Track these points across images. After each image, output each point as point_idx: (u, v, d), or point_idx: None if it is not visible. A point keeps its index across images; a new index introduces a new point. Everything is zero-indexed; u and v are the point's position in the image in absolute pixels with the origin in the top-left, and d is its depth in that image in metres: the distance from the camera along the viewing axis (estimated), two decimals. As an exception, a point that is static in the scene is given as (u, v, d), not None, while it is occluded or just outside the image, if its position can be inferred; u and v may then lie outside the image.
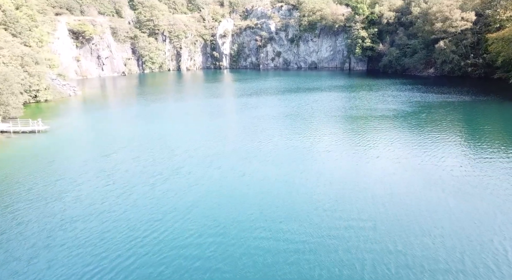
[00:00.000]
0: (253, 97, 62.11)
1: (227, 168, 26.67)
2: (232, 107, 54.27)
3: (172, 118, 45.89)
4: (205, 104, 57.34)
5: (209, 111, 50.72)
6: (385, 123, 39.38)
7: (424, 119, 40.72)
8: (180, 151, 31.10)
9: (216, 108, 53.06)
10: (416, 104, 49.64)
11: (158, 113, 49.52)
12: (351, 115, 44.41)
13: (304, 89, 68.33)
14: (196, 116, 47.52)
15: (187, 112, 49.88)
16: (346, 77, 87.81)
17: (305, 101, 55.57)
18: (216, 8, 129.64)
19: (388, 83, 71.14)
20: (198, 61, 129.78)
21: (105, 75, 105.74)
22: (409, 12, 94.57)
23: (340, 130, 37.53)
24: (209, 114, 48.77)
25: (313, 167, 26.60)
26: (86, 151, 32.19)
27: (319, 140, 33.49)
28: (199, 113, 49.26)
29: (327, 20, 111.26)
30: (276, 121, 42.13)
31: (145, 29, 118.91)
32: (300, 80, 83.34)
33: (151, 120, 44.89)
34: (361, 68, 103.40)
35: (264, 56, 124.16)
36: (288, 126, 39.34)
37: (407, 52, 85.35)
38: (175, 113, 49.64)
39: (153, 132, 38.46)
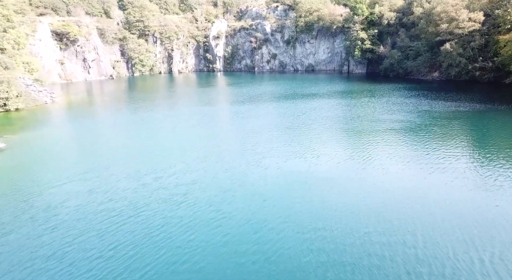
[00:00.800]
0: (245, 104, 56.68)
1: (201, 206, 21.17)
2: (223, 118, 48.81)
3: (154, 133, 40.35)
4: (195, 113, 51.91)
5: (197, 122, 45.26)
6: (394, 139, 34.03)
7: (437, 133, 35.40)
8: (151, 179, 25.57)
9: (206, 118, 47.55)
10: (425, 114, 44.33)
11: (140, 125, 43.96)
12: (354, 128, 39.04)
13: (300, 95, 62.97)
14: (182, 129, 42.01)
15: (173, 125, 44.31)
16: (345, 81, 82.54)
17: (301, 110, 50.18)
18: (209, 9, 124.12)
19: (391, 89, 65.89)
20: (191, 64, 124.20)
21: (91, 79, 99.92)
22: (411, 13, 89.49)
23: (342, 147, 32.13)
24: (197, 126, 43.30)
25: (312, 198, 21.23)
26: (41, 179, 26.60)
27: (317, 163, 28.09)
28: (186, 126, 43.74)
29: (324, 21, 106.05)
30: (269, 135, 36.70)
31: (135, 30, 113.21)
32: (296, 85, 77.97)
33: (130, 134, 39.35)
34: (361, 71, 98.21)
35: (259, 58, 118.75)
36: (283, 143, 33.91)
37: (410, 54, 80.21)
38: (159, 125, 44.10)
39: (127, 150, 32.92)
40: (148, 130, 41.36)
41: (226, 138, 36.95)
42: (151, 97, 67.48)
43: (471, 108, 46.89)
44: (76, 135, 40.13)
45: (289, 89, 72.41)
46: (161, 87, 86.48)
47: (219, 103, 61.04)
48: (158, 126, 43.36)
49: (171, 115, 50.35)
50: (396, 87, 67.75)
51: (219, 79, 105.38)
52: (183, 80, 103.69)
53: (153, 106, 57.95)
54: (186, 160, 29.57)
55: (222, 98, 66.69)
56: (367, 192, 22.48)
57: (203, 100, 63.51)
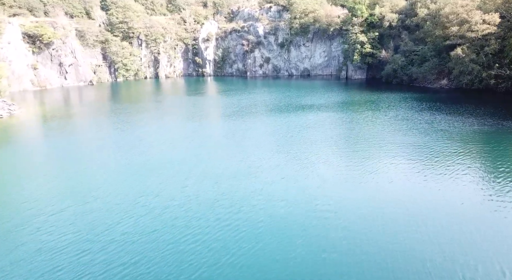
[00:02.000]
0: (235, 118, 48.76)
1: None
2: (211, 136, 40.73)
3: (133, 155, 32.37)
4: (181, 129, 43.92)
5: (184, 141, 37.36)
6: (414, 173, 26.28)
7: (463, 164, 27.74)
8: (133, 217, 17.56)
9: (188, 138, 39.48)
10: (444, 135, 36.62)
11: (116, 147, 35.80)
12: (360, 156, 31.18)
13: (295, 107, 55.13)
14: (166, 150, 34.07)
15: (155, 145, 36.19)
16: (344, 89, 74.82)
17: (296, 127, 42.37)
18: (198, 9, 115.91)
19: (397, 99, 58.26)
20: (179, 68, 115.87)
21: (68, 85, 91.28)
22: (414, 14, 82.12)
23: (347, 189, 24.28)
24: (183, 146, 35.41)
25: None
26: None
27: (316, 207, 20.26)
28: (171, 146, 35.77)
29: (321, 23, 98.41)
30: (257, 166, 28.76)
31: (118, 32, 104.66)
32: (291, 94, 70.09)
33: (91, 164, 31.16)
34: (360, 76, 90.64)
35: (251, 62, 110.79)
36: (273, 179, 26.02)
37: (415, 60, 72.70)
38: (139, 145, 36.02)
39: (81, 188, 24.85)
40: (126, 152, 33.40)
41: (214, 161, 29.00)
42: (132, 109, 59.17)
43: (497, 126, 39.30)
44: (29, 162, 31.87)
45: (283, 98, 64.55)
46: (145, 95, 78.16)
47: (208, 117, 52.91)
48: (138, 146, 35.35)
49: (154, 132, 42.16)
50: (402, 97, 60.13)
51: (209, 85, 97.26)
52: (170, 87, 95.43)
53: (133, 120, 49.67)
54: (171, 186, 21.73)
55: (211, 110, 58.66)
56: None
57: (191, 112, 55.59)
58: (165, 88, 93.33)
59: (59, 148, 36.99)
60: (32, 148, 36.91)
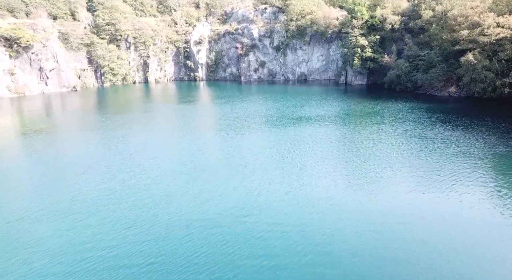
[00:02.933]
0: (228, 132, 43.15)
1: None
2: (202, 152, 34.94)
3: (115, 176, 26.55)
4: (171, 145, 38.14)
5: (174, 159, 31.58)
6: (435, 210, 20.64)
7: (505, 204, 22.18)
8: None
9: (169, 160, 33.68)
10: (467, 160, 30.90)
11: (83, 175, 29.89)
12: (367, 184, 25.56)
13: (291, 120, 49.42)
14: (154, 171, 28.28)
15: (142, 166, 30.39)
16: (344, 97, 69.17)
17: (292, 144, 36.72)
18: (190, 11, 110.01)
19: (403, 110, 52.68)
20: (170, 72, 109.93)
21: (50, 91, 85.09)
22: (418, 16, 76.74)
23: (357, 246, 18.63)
24: (173, 165, 29.65)
25: None
26: None
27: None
28: (158, 165, 29.98)
29: (318, 25, 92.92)
30: (242, 208, 23.04)
31: (104, 34, 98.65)
32: (287, 102, 64.33)
33: (65, 193, 25.33)
34: (360, 82, 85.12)
35: (246, 66, 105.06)
36: (266, 228, 20.35)
37: (420, 65, 67.26)
38: (121, 165, 30.18)
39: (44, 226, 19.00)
40: (105, 178, 27.56)
41: (206, 183, 23.23)
42: (115, 121, 53.19)
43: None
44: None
45: (278, 108, 58.85)
46: (131, 104, 72.10)
47: (199, 129, 47.00)
48: (120, 169, 29.54)
49: (138, 151, 36.25)
50: (408, 107, 54.56)
51: (201, 91, 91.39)
52: (159, 93, 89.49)
53: (115, 136, 43.71)
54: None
55: (201, 122, 52.76)
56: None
57: (179, 126, 49.83)
58: (154, 94, 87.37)
59: (28, 171, 31.11)
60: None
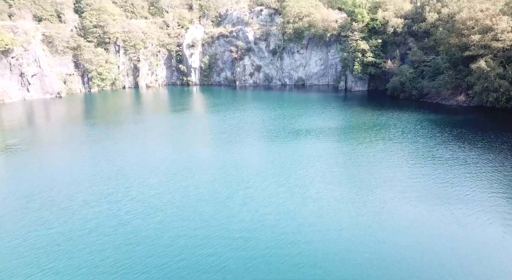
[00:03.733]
0: (216, 150, 38.25)
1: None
2: (194, 174, 30.07)
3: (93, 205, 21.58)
4: (147, 167, 33.17)
5: (164, 183, 26.66)
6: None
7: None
8: None
9: (158, 182, 28.81)
10: (498, 191, 26.30)
11: (57, 204, 24.93)
12: (378, 218, 20.77)
13: (288, 133, 44.58)
14: (142, 194, 23.28)
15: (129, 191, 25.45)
16: (344, 105, 64.33)
17: (290, 167, 31.94)
18: (183, 12, 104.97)
19: (411, 122, 47.96)
20: (161, 76, 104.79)
21: (32, 98, 79.73)
22: (422, 19, 72.24)
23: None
24: (142, 199, 24.75)
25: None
26: None
27: None
28: (146, 188, 25.07)
29: (316, 28, 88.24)
30: (239, 234, 18.25)
31: (92, 37, 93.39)
32: (284, 111, 59.44)
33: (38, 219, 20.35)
34: (361, 88, 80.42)
35: (241, 70, 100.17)
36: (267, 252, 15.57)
37: (425, 72, 62.68)
38: (87, 203, 25.24)
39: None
40: (86, 199, 22.59)
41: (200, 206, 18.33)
42: (100, 132, 48.21)
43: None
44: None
45: (275, 119, 54.03)
46: (120, 111, 67.01)
47: (190, 145, 42.10)
48: (105, 189, 24.58)
49: (127, 168, 31.31)
50: (416, 118, 49.83)
51: (194, 97, 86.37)
52: (150, 99, 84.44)
53: (99, 151, 38.82)
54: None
55: (194, 134, 47.99)
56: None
57: (172, 139, 45.30)
58: (143, 101, 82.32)
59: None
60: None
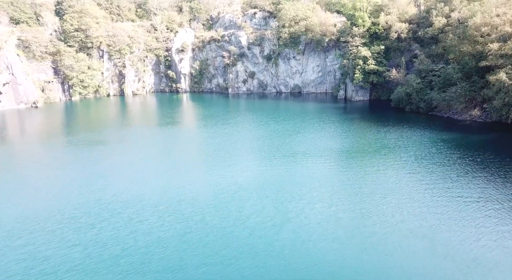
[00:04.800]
0: (204, 173, 31.74)
1: None
2: (169, 211, 23.66)
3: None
4: (126, 196, 26.63)
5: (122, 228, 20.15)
6: None
7: None
8: None
9: (140, 218, 22.36)
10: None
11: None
12: None
13: (283, 157, 38.14)
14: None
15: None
16: (345, 120, 57.76)
17: (284, 201, 25.53)
18: (172, 15, 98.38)
19: (425, 143, 41.74)
20: (149, 83, 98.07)
21: (3, 109, 72.74)
22: (429, 24, 66.22)
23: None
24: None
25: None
26: None
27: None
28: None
29: (314, 33, 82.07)
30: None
31: (73, 42, 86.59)
32: (278, 127, 53.00)
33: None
34: (362, 98, 74.20)
35: (233, 77, 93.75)
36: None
37: (435, 82, 56.62)
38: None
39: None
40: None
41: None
42: (68, 155, 41.64)
43: None
44: None
45: (269, 137, 47.59)
46: (100, 124, 60.60)
47: (176, 166, 35.99)
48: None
49: (102, 197, 24.75)
50: (428, 138, 43.61)
51: (183, 107, 79.76)
52: (136, 109, 77.71)
53: (72, 175, 32.18)
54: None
55: (181, 154, 41.75)
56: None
57: (157, 160, 38.81)
58: (129, 111, 75.58)
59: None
60: None
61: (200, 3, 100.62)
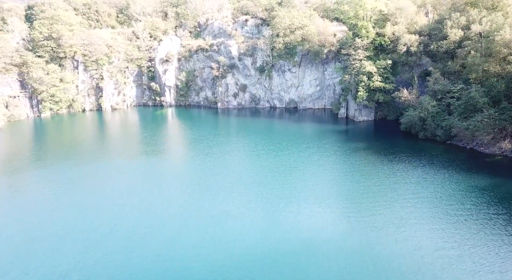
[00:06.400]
0: (187, 227, 22.82)
1: None
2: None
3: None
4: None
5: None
6: None
7: None
8: None
9: None
10: None
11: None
12: None
13: (275, 212, 29.41)
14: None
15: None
16: (349, 149, 48.72)
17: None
18: (156, 22, 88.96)
19: (453, 186, 33.10)
20: (130, 96, 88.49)
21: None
22: (443, 36, 57.70)
23: None
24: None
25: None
26: None
27: None
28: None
29: (311, 43, 73.22)
30: None
31: (43, 51, 76.84)
32: (271, 159, 43.99)
33: None
34: (366, 118, 65.45)
35: (223, 90, 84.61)
36: None
37: (454, 106, 48.11)
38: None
39: None
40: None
41: None
42: (19, 200, 32.38)
43: None
44: None
45: (262, 175, 38.76)
46: (61, 154, 51.26)
47: (155, 216, 26.84)
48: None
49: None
50: (456, 182, 34.93)
51: (167, 128, 70.55)
52: (112, 130, 68.43)
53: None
54: None
55: (162, 196, 32.54)
56: None
57: (130, 212, 29.50)
58: (104, 132, 66.18)
59: None
60: None
61: (187, 8, 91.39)
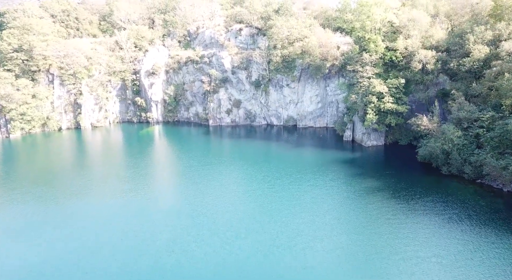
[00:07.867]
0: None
1: None
2: None
3: None
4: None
5: None
6: None
7: None
8: None
9: None
10: None
11: None
12: None
13: None
14: None
15: None
16: (358, 189, 40.81)
17: None
18: (141, 30, 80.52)
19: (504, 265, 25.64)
20: (113, 112, 79.96)
21: None
22: (465, 53, 50.07)
23: None
24: None
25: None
26: None
27: None
28: None
29: (312, 56, 65.39)
30: None
31: (11, 65, 68.18)
32: (266, 200, 36.04)
33: None
34: (375, 142, 57.69)
35: (215, 106, 76.42)
36: None
37: (485, 138, 40.53)
38: None
39: None
40: None
41: None
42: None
43: None
44: None
45: (255, 227, 30.81)
46: (20, 195, 42.86)
47: None
48: None
49: None
50: (503, 251, 27.54)
51: (152, 152, 62.00)
52: (90, 155, 60.06)
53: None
54: None
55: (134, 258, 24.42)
56: None
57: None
58: (80, 159, 57.73)
59: None
60: None
61: (176, 15, 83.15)
